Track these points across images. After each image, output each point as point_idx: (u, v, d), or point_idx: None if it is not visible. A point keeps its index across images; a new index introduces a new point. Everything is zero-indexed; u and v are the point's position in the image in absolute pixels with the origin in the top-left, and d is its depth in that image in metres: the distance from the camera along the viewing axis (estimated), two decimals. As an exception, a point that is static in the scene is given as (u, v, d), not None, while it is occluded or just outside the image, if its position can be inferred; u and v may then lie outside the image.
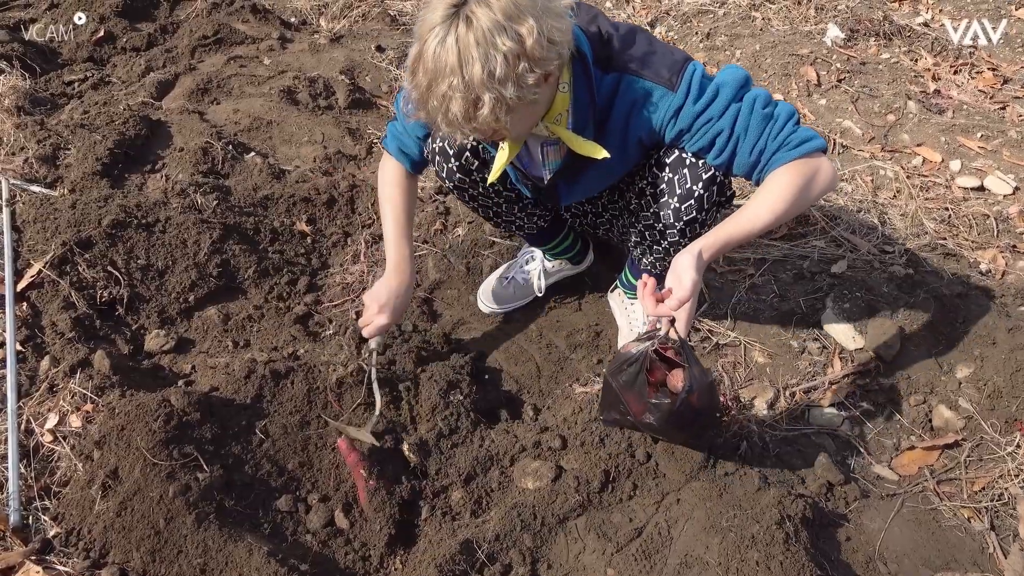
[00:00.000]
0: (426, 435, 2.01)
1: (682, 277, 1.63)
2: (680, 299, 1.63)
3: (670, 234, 1.98)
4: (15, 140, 3.03)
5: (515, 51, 1.48)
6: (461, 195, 2.21)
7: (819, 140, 1.72)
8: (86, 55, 3.98)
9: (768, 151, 1.71)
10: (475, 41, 1.46)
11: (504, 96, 1.50)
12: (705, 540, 1.73)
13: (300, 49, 4.07)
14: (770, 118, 1.72)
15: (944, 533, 1.86)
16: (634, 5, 4.77)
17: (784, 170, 1.70)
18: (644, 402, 1.74)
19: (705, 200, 1.87)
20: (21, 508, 1.79)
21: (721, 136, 1.74)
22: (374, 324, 2.06)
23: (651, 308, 1.69)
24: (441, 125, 1.59)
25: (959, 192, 3.09)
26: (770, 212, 1.70)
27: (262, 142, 3.31)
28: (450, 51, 1.47)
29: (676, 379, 1.75)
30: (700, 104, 1.72)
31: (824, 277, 2.59)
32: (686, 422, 1.75)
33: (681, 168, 1.85)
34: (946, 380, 2.20)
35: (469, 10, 1.47)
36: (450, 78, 1.49)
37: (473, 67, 1.47)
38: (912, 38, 4.08)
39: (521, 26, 1.47)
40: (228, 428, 1.95)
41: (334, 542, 1.83)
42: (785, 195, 1.69)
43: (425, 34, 1.51)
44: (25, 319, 2.27)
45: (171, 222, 2.57)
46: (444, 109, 1.54)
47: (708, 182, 1.84)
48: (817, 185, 1.72)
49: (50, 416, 2.01)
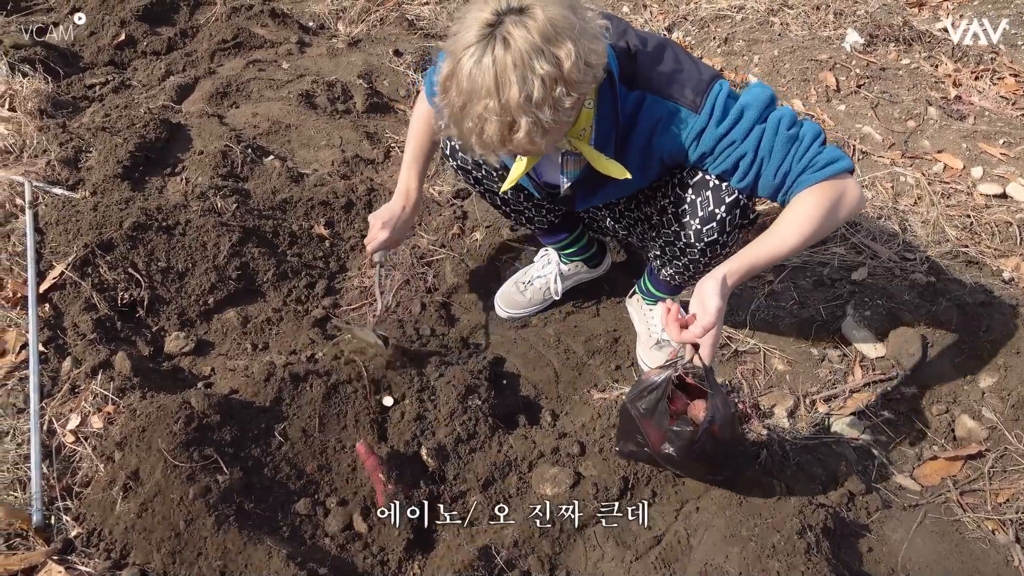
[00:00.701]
0: (444, 440, 2.01)
1: (707, 303, 1.61)
2: (705, 326, 1.60)
3: (690, 252, 1.97)
4: (38, 143, 3.06)
5: (553, 75, 1.45)
6: (466, 177, 2.21)
7: (846, 161, 1.69)
8: (107, 59, 4.01)
9: (793, 173, 1.69)
10: (512, 63, 1.43)
11: (541, 120, 1.48)
12: (725, 549, 1.71)
13: (318, 53, 4.08)
14: (795, 139, 1.69)
15: (968, 545, 1.84)
16: (651, 10, 4.76)
17: (810, 192, 1.68)
18: (664, 430, 1.70)
19: (727, 223, 1.86)
20: (43, 508, 1.80)
21: (745, 159, 1.71)
22: (376, 240, 2.18)
23: (675, 335, 1.66)
24: (475, 146, 1.57)
25: (981, 199, 3.06)
26: (797, 236, 1.67)
27: (281, 145, 3.33)
28: (487, 72, 1.45)
29: (698, 409, 1.71)
30: (723, 127, 1.70)
31: (844, 284, 2.57)
32: (707, 453, 1.71)
33: (704, 190, 1.83)
34: (969, 389, 2.18)
35: (506, 31, 1.44)
36: (486, 100, 1.47)
37: (510, 90, 1.45)
38: (932, 43, 4.05)
39: (559, 49, 1.45)
40: (247, 430, 1.96)
41: (352, 546, 1.83)
42: (811, 218, 1.66)
43: (459, 52, 1.48)
44: (47, 320, 2.28)
45: (191, 225, 2.59)
46: (479, 131, 1.52)
47: (731, 205, 1.83)
48: (844, 207, 1.69)
49: (72, 417, 2.02)
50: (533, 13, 1.44)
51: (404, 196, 2.21)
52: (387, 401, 2.09)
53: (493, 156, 1.60)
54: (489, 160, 1.64)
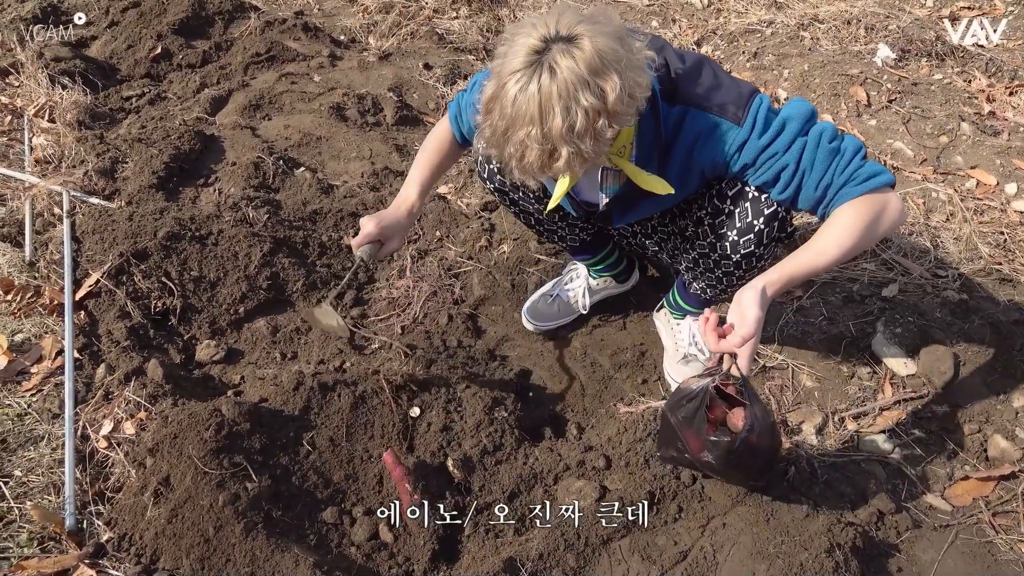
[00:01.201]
0: (470, 451, 2.01)
1: (746, 314, 1.60)
2: (744, 336, 1.59)
3: (724, 265, 1.97)
4: (76, 153, 3.13)
5: (597, 107, 1.46)
6: (502, 199, 2.22)
7: (887, 175, 1.68)
8: (143, 71, 4.10)
9: (835, 186, 1.68)
10: (557, 94, 1.44)
11: (582, 150, 1.50)
12: (752, 566, 1.70)
13: (349, 67, 4.14)
14: (837, 152, 1.69)
15: (1000, 568, 1.81)
16: (680, 25, 4.76)
17: (851, 205, 1.67)
18: (703, 439, 1.70)
19: (765, 236, 1.85)
20: (76, 512, 1.84)
21: (786, 171, 1.71)
22: (362, 232, 2.01)
23: (713, 344, 1.66)
24: (514, 170, 1.59)
25: (1015, 216, 3.02)
26: (837, 248, 1.66)
27: (311, 157, 3.37)
28: (531, 100, 1.46)
29: (736, 418, 1.71)
30: (765, 138, 1.70)
31: (875, 300, 2.54)
32: (745, 462, 1.71)
33: (743, 202, 1.83)
34: (1002, 409, 2.15)
35: (553, 59, 1.45)
36: (529, 127, 1.48)
37: (554, 120, 1.46)
38: (965, 59, 4.01)
39: (605, 82, 1.46)
40: (276, 439, 1.98)
41: (378, 555, 1.84)
42: (852, 231, 1.66)
43: (505, 76, 1.49)
44: (83, 327, 2.33)
45: (223, 235, 2.63)
46: (519, 156, 1.53)
47: (770, 217, 1.83)
48: (885, 221, 1.68)
49: (105, 423, 2.06)
50: (581, 43, 1.45)
51: (401, 201, 2.08)
52: (414, 412, 2.10)
53: (532, 180, 1.61)
54: (527, 184, 1.64)
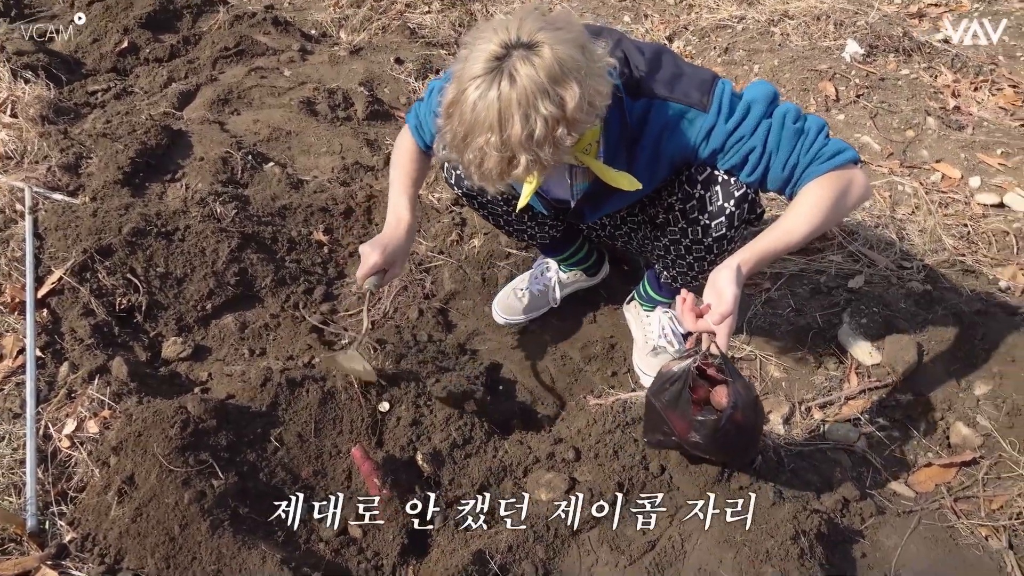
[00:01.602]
0: (440, 445, 2.01)
1: (723, 292, 1.62)
2: (723, 313, 1.61)
3: (696, 250, 1.98)
4: (39, 149, 3.08)
5: (556, 116, 1.46)
6: (470, 202, 2.22)
7: (851, 152, 1.72)
8: (109, 66, 4.04)
9: (801, 165, 1.71)
10: (517, 101, 1.44)
11: (540, 157, 1.50)
12: (719, 554, 1.71)
13: (320, 61, 4.11)
14: (801, 132, 1.72)
15: (961, 551, 1.84)
16: (652, 20, 4.78)
17: (818, 183, 1.70)
18: (688, 420, 1.71)
19: (736, 218, 1.87)
20: (38, 513, 1.81)
21: (754, 153, 1.74)
22: (367, 263, 2.01)
23: (691, 323, 1.67)
24: (474, 177, 1.59)
25: (978, 209, 3.07)
26: (806, 224, 1.69)
27: (281, 152, 3.34)
28: (491, 107, 1.45)
29: (720, 396, 1.72)
30: (732, 123, 1.72)
31: (841, 292, 2.57)
32: (732, 439, 1.73)
33: (713, 185, 1.85)
34: (964, 397, 2.18)
35: (513, 66, 1.44)
36: (488, 134, 1.48)
37: (513, 128, 1.45)
38: (932, 54, 4.06)
39: (565, 91, 1.45)
40: (243, 436, 1.96)
41: (347, 551, 1.83)
42: (820, 207, 1.69)
43: (466, 82, 1.48)
44: (45, 325, 2.29)
45: (190, 231, 2.60)
46: (479, 162, 1.53)
47: (740, 199, 1.84)
48: (852, 196, 1.72)
49: (68, 422, 2.03)
50: (541, 51, 1.44)
51: (394, 226, 2.07)
52: (383, 407, 2.09)
53: (492, 187, 1.60)
54: (487, 189, 1.63)
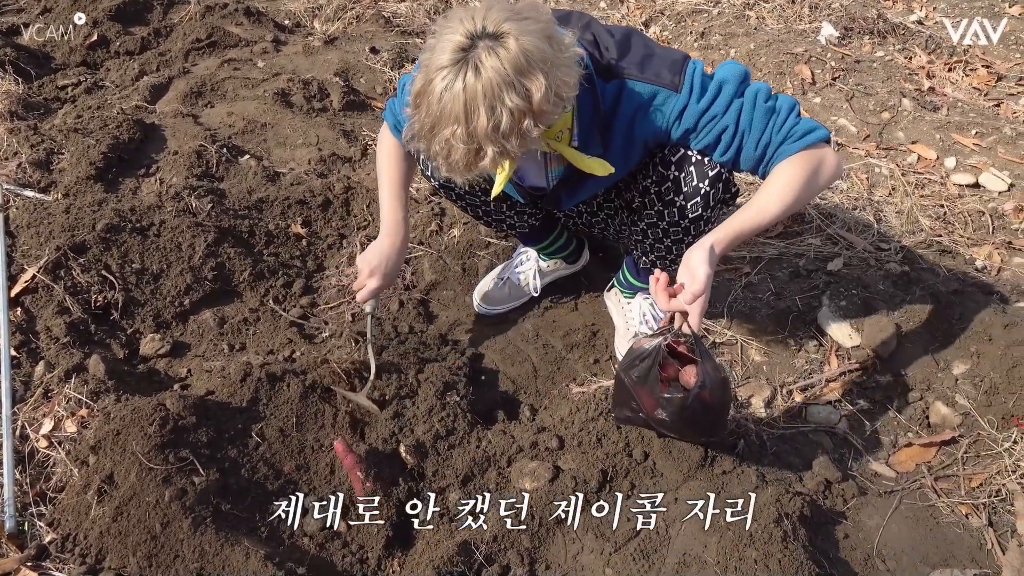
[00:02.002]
0: (423, 436, 2.00)
1: (696, 271, 1.64)
2: (694, 293, 1.63)
3: (673, 232, 1.98)
4: (8, 145, 3.03)
5: (521, 107, 1.46)
6: (448, 194, 2.20)
7: (822, 130, 1.73)
8: (79, 59, 3.97)
9: (773, 144, 1.72)
10: (482, 93, 1.43)
11: (507, 149, 1.50)
12: (703, 539, 1.72)
13: (294, 51, 4.06)
14: (773, 111, 1.73)
15: (942, 530, 1.86)
16: (628, 5, 4.77)
17: (790, 162, 1.72)
18: (656, 397, 1.73)
19: (711, 197, 1.87)
20: (16, 514, 1.78)
21: (727, 132, 1.74)
22: (366, 288, 2.04)
23: (664, 303, 1.69)
24: (441, 167, 1.58)
25: (954, 189, 3.09)
26: (779, 203, 1.71)
27: (256, 145, 3.31)
28: (456, 99, 1.45)
29: (688, 375, 1.74)
30: (704, 102, 1.72)
31: (820, 275, 2.59)
32: (698, 418, 1.74)
33: (687, 166, 1.85)
34: (943, 377, 2.20)
35: (478, 58, 1.43)
36: (453, 126, 1.47)
37: (478, 120, 1.45)
38: (906, 36, 4.09)
39: (531, 82, 1.45)
40: (224, 432, 1.95)
41: (331, 544, 1.82)
42: (792, 186, 1.70)
43: (432, 72, 1.48)
44: (19, 324, 2.26)
45: (165, 226, 2.57)
46: (445, 153, 1.53)
47: (714, 179, 1.85)
48: (823, 175, 1.73)
49: (45, 421, 2.00)
50: (507, 43, 1.44)
51: (392, 231, 2.08)
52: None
53: (459, 177, 1.60)
54: (455, 180, 1.63)
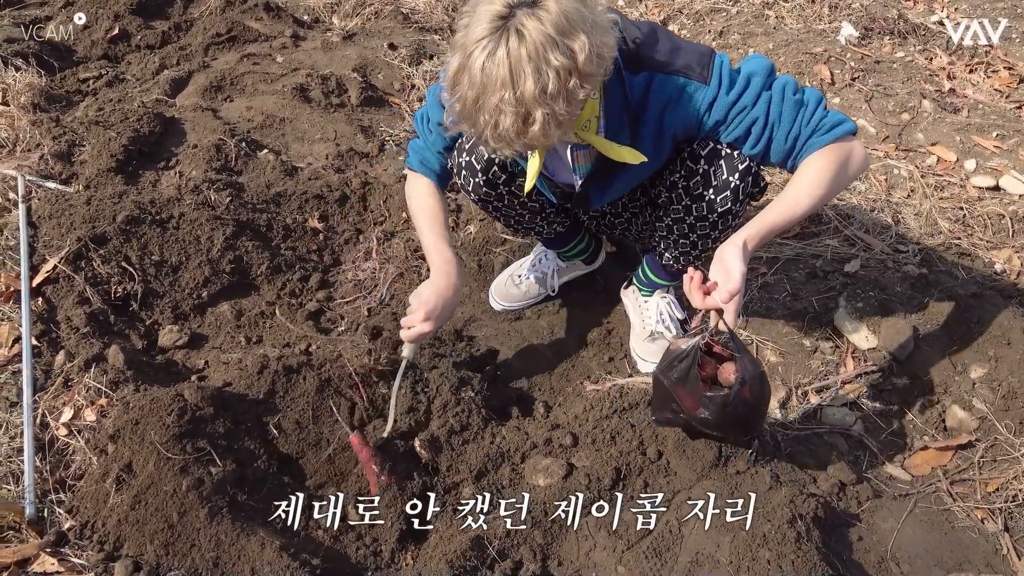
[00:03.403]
0: (437, 431, 2.01)
1: (731, 269, 1.64)
2: (731, 291, 1.63)
3: (701, 227, 1.98)
4: (31, 137, 3.06)
5: (567, 67, 1.45)
6: (484, 207, 2.21)
7: (850, 123, 1.74)
8: (101, 53, 4.01)
9: (803, 136, 1.73)
10: (527, 56, 1.43)
11: (556, 111, 1.48)
12: (716, 539, 1.72)
13: (313, 47, 4.08)
14: (801, 104, 1.73)
15: (957, 534, 1.85)
16: (647, 3, 4.76)
17: (819, 155, 1.72)
18: (698, 397, 1.73)
19: (741, 191, 1.88)
20: (36, 501, 1.81)
21: (756, 124, 1.75)
22: (415, 330, 1.93)
23: (699, 301, 1.69)
24: (489, 140, 1.56)
25: (974, 191, 3.07)
26: (810, 197, 1.72)
27: (275, 139, 3.33)
28: (501, 65, 1.44)
29: (727, 372, 1.74)
30: (733, 94, 1.73)
31: (837, 276, 2.58)
32: (740, 414, 1.75)
33: (717, 160, 1.85)
34: (960, 380, 2.19)
35: (519, 23, 1.44)
36: (501, 92, 1.46)
37: (526, 82, 1.44)
38: (927, 37, 4.05)
39: (573, 42, 1.45)
40: (241, 423, 1.96)
41: (346, 537, 1.83)
42: (823, 179, 1.71)
43: (470, 46, 1.47)
44: (40, 314, 2.28)
45: (184, 218, 2.59)
46: (493, 123, 1.51)
47: (744, 172, 1.85)
48: (852, 167, 1.74)
49: (65, 410, 2.03)
50: (546, 5, 1.45)
51: (443, 273, 1.98)
52: None
53: (508, 149, 1.58)
54: (503, 153, 1.61)
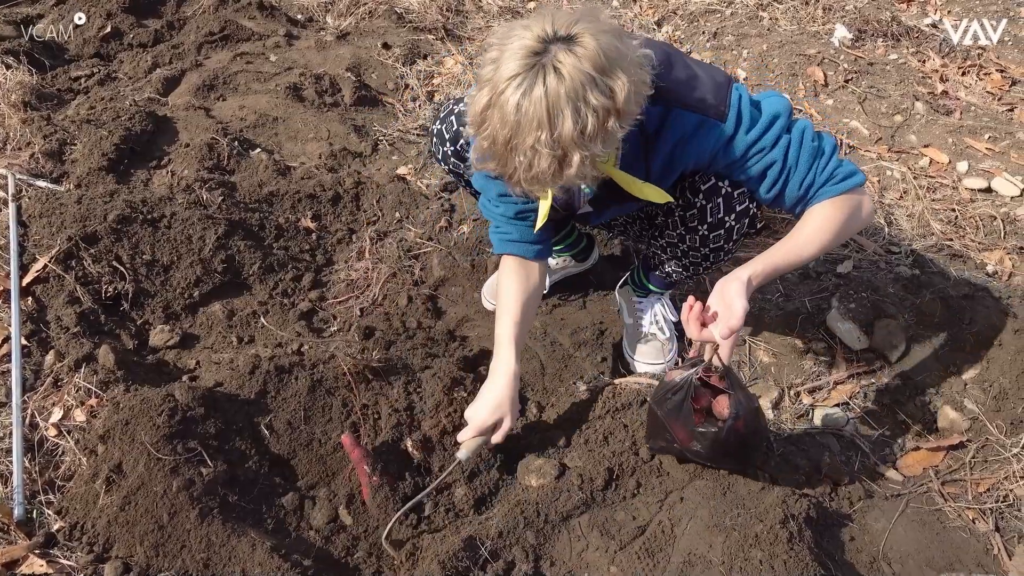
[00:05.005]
0: (430, 432, 2.01)
1: (733, 305, 1.60)
2: (732, 328, 1.60)
3: (692, 256, 1.98)
4: (21, 135, 3.04)
5: (607, 107, 1.39)
6: (457, 180, 2.20)
7: (860, 175, 1.73)
8: (92, 51, 3.99)
9: (816, 184, 1.71)
10: (565, 96, 1.36)
11: (594, 153, 1.43)
12: (708, 539, 1.72)
13: (306, 46, 4.07)
14: (819, 151, 1.71)
15: (948, 534, 1.86)
16: (641, 4, 4.76)
17: (830, 203, 1.71)
18: (690, 430, 1.72)
19: (735, 232, 1.87)
20: (25, 502, 1.80)
21: (774, 168, 1.71)
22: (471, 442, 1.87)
23: (695, 332, 1.65)
24: (521, 180, 1.49)
25: (966, 193, 3.08)
26: (816, 245, 1.71)
27: (268, 139, 3.31)
28: (538, 104, 1.37)
29: (721, 406, 1.73)
30: (753, 134, 1.69)
31: (830, 277, 2.58)
32: (733, 448, 1.74)
33: (716, 197, 1.83)
34: (952, 381, 2.20)
35: (555, 59, 1.37)
36: (536, 132, 1.39)
37: (564, 123, 1.37)
38: (920, 39, 4.06)
39: (614, 81, 1.39)
40: (232, 423, 1.95)
41: (337, 538, 1.83)
42: (830, 228, 1.71)
43: (501, 82, 1.40)
44: (30, 314, 2.27)
45: (176, 218, 2.58)
46: (527, 165, 1.44)
47: (741, 214, 1.84)
48: (858, 220, 1.74)
49: (54, 410, 2.01)
50: (583, 41, 1.38)
51: (508, 383, 1.88)
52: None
53: (542, 190, 1.53)
54: (534, 193, 1.54)
